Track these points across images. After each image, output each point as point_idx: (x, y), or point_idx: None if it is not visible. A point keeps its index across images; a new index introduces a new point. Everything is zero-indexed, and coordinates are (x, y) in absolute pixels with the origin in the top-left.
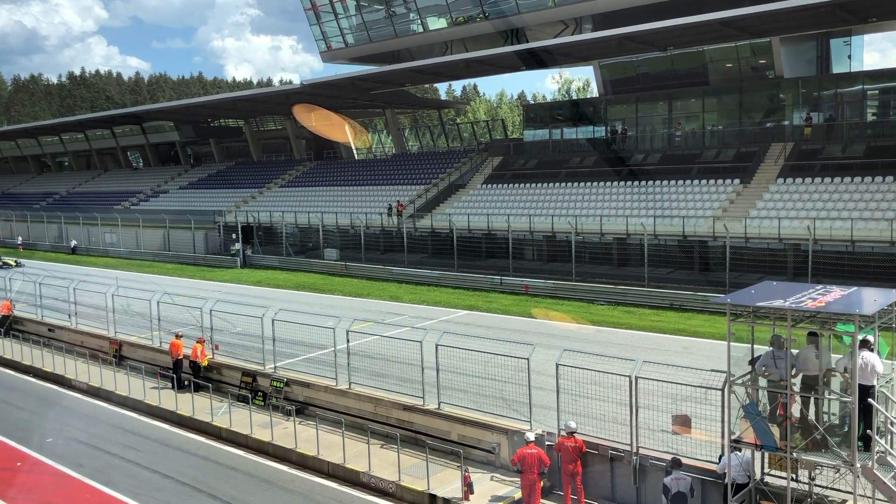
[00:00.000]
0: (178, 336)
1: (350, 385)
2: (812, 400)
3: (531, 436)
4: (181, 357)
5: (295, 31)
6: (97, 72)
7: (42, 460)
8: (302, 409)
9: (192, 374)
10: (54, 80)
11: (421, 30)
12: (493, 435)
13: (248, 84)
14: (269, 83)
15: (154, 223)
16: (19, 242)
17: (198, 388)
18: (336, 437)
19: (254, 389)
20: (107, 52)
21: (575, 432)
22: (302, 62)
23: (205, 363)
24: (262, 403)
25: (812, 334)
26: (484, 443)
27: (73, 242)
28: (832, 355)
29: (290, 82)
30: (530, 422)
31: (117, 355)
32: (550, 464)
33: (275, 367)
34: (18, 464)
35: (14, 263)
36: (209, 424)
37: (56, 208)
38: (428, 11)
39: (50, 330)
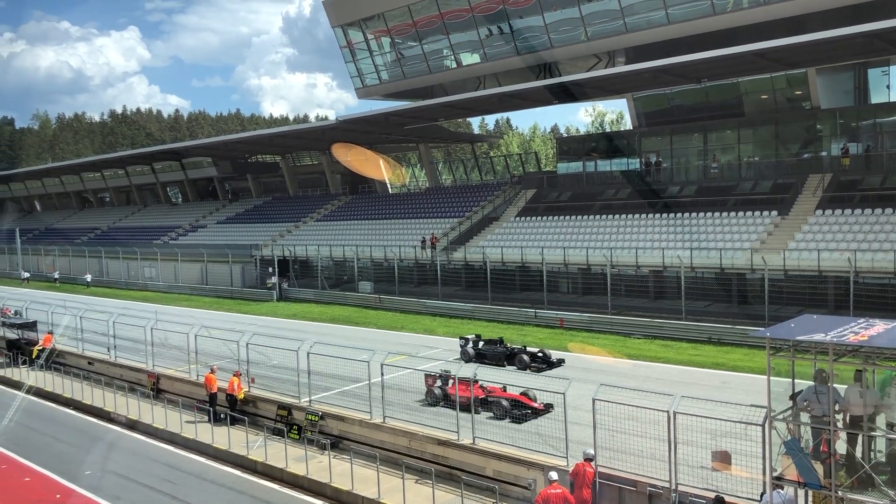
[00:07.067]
0: (212, 370)
1: (384, 419)
2: (859, 437)
3: (554, 475)
4: (216, 391)
5: (330, 69)
6: (138, 109)
7: (80, 492)
8: (336, 443)
9: (228, 408)
10: (97, 118)
11: (454, 65)
12: (529, 471)
13: (284, 120)
14: (305, 119)
15: (192, 257)
16: (56, 276)
17: (234, 422)
18: (370, 471)
19: (289, 423)
20: (148, 91)
21: (592, 459)
22: (337, 98)
23: (241, 396)
24: (298, 437)
25: (859, 371)
26: (520, 479)
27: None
28: (875, 391)
29: (326, 118)
30: (567, 457)
31: (155, 388)
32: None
33: (310, 401)
34: (58, 496)
35: None
36: (245, 458)
37: (97, 243)
38: (461, 47)
39: (90, 363)
